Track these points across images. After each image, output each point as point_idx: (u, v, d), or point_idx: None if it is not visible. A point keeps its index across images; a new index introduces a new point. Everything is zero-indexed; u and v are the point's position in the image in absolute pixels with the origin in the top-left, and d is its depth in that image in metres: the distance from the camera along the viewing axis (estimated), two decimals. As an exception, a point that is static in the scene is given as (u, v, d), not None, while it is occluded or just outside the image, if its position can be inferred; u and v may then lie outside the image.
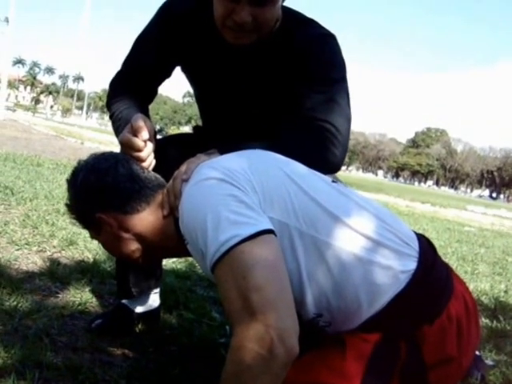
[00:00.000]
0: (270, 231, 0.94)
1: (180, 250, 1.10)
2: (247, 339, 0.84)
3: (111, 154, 1.23)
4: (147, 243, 1.18)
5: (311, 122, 1.31)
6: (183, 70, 1.56)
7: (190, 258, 2.73)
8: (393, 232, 1.06)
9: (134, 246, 1.19)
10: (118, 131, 1.39)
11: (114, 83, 1.55)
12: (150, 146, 1.27)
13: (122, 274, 1.70)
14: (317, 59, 1.35)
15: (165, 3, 1.49)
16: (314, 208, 1.02)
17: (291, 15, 1.41)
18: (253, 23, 1.25)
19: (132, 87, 1.50)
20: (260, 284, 0.87)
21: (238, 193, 0.96)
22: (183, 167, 1.14)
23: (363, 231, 1.02)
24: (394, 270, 1.02)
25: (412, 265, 1.04)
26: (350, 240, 1.01)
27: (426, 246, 1.12)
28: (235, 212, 0.93)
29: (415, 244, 1.09)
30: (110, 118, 1.48)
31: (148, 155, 1.26)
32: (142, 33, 1.52)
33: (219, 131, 1.56)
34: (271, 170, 1.06)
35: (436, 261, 1.12)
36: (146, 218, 1.16)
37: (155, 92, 1.60)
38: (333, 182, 1.15)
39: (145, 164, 1.25)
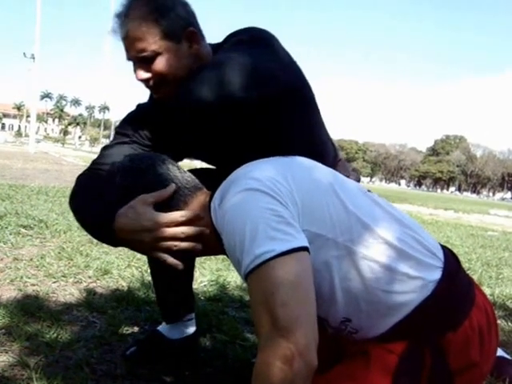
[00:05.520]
0: (304, 248, 0.97)
1: (217, 249, 1.14)
2: (271, 355, 0.88)
3: (146, 155, 1.24)
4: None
5: None
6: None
7: (221, 281, 2.79)
8: (422, 243, 1.10)
9: None
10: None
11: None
12: None
13: (163, 296, 1.77)
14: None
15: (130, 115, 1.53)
16: (351, 219, 1.05)
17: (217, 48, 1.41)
18: (155, 78, 1.32)
19: None
20: (287, 301, 0.91)
21: (278, 207, 0.99)
22: None
23: (396, 243, 1.06)
24: (421, 279, 1.06)
25: (437, 274, 1.08)
26: (382, 251, 1.05)
27: (449, 257, 1.15)
28: (273, 227, 0.96)
29: (441, 255, 1.13)
30: None
31: None
32: None
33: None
34: (314, 181, 1.09)
35: (459, 271, 1.15)
36: None
37: None
38: (368, 191, 1.18)
39: None
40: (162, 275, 1.71)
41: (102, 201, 1.23)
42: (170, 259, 1.16)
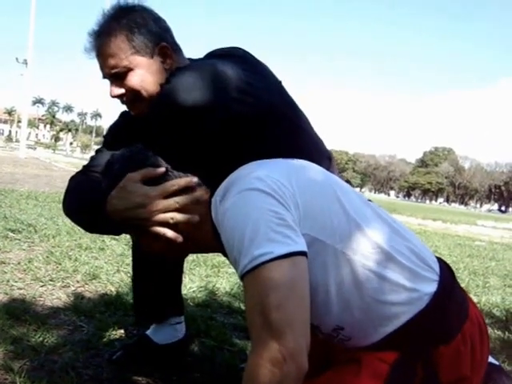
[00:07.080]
0: (302, 253, 0.96)
1: (212, 244, 1.13)
2: (263, 357, 0.88)
3: (142, 148, 1.21)
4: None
5: None
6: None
7: (210, 287, 2.78)
8: (419, 255, 1.10)
9: None
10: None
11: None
12: None
13: (140, 300, 1.76)
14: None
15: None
16: (351, 227, 1.05)
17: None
18: (128, 94, 1.32)
19: None
20: (281, 304, 0.90)
21: (280, 209, 0.98)
22: None
23: (393, 254, 1.05)
24: (417, 291, 1.05)
25: (433, 288, 1.07)
26: (380, 261, 1.04)
27: (445, 271, 1.15)
28: (274, 230, 0.95)
29: (437, 268, 1.12)
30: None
31: None
32: None
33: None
34: (317, 186, 1.08)
35: (455, 286, 1.15)
36: None
37: None
38: (369, 200, 1.18)
39: None
40: (148, 270, 1.70)
41: (95, 191, 1.22)
42: (170, 233, 1.13)
